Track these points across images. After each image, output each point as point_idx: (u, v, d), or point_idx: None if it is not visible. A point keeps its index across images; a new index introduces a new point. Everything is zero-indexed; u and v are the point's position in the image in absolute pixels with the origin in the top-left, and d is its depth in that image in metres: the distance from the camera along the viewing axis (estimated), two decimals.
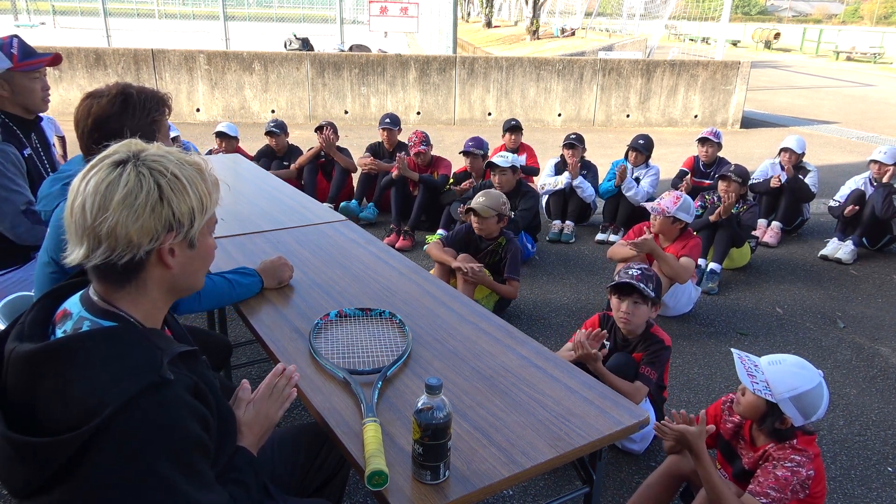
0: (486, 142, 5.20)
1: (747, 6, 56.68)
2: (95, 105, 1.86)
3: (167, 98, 1.99)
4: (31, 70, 2.61)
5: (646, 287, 2.63)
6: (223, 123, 5.53)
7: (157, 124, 1.93)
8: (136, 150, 1.15)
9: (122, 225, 1.09)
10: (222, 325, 3.14)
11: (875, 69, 23.88)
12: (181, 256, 1.19)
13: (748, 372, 2.00)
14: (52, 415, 1.03)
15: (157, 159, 1.14)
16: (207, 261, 1.28)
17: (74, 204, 1.11)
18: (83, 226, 1.10)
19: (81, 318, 1.14)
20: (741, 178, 4.62)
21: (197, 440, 1.09)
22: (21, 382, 1.05)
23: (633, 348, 2.72)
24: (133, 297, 1.17)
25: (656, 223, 3.86)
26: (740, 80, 10.45)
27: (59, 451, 0.98)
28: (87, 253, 1.11)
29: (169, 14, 21.33)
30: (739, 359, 2.04)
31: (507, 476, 1.41)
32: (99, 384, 1.02)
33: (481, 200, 3.73)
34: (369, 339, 1.94)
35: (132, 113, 1.86)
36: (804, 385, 1.94)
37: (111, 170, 1.11)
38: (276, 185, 3.63)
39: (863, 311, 4.25)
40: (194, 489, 1.06)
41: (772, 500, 1.92)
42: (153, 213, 1.11)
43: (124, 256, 1.11)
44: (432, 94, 10.10)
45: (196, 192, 1.16)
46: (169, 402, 1.06)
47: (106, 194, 1.09)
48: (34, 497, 1.02)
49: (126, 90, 1.89)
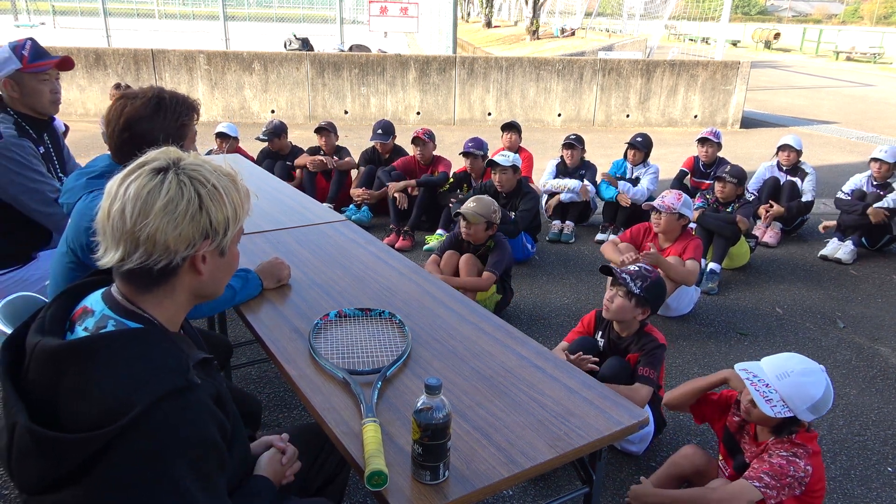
0: (485, 142, 5.20)
1: (747, 6, 56.68)
2: (129, 106, 1.89)
3: (197, 104, 2.04)
4: (40, 72, 2.64)
5: (631, 283, 2.63)
6: (223, 124, 5.54)
7: (186, 129, 1.97)
8: (175, 159, 1.17)
9: (161, 231, 1.10)
10: (222, 325, 3.14)
11: (875, 69, 23.88)
12: (211, 264, 1.21)
13: (764, 397, 1.97)
14: (74, 412, 1.02)
15: (195, 168, 1.16)
16: (233, 269, 1.31)
17: (113, 208, 1.12)
18: (122, 230, 1.11)
19: (105, 316, 1.14)
20: (736, 178, 4.64)
21: (215, 448, 1.10)
22: (44, 378, 1.06)
23: (627, 347, 2.71)
24: (159, 299, 1.18)
25: (661, 221, 3.84)
26: (740, 80, 10.45)
27: (81, 449, 0.99)
28: (122, 256, 1.12)
29: (169, 14, 21.33)
30: (750, 384, 2.01)
31: (506, 476, 1.41)
32: (125, 384, 1.03)
33: (472, 206, 3.68)
34: (369, 339, 1.94)
35: (163, 116, 1.90)
36: (818, 392, 1.95)
37: (152, 176, 1.13)
38: (276, 185, 3.63)
39: (863, 311, 4.25)
40: (206, 497, 1.06)
41: (765, 484, 1.92)
42: (192, 221, 1.13)
43: (160, 262, 1.13)
44: (432, 94, 10.10)
45: (232, 202, 1.19)
46: (193, 407, 1.07)
47: (147, 200, 1.11)
48: (43, 494, 1.02)
49: (160, 94, 1.93)
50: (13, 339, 1.13)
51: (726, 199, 4.71)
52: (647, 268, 2.73)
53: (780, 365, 2.03)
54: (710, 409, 2.35)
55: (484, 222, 3.69)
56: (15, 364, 1.10)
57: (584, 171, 5.46)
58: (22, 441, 1.02)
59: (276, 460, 1.51)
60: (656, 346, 2.66)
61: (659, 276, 2.74)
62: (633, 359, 2.67)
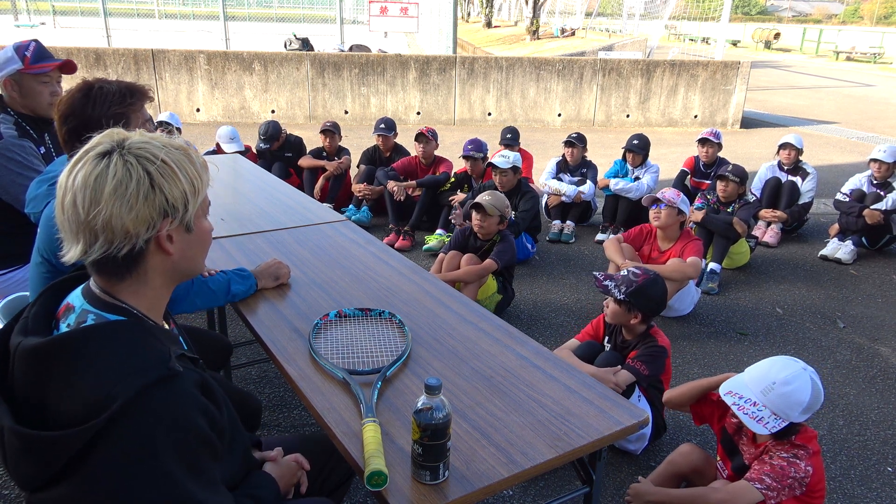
0: (485, 143, 5.20)
1: (747, 6, 56.68)
2: (62, 101, 1.88)
3: (140, 90, 1.95)
4: (40, 73, 2.64)
5: (615, 289, 2.69)
6: (226, 130, 5.57)
7: (123, 116, 1.90)
8: (120, 139, 1.12)
9: (116, 216, 1.07)
10: (222, 325, 3.14)
11: (875, 69, 23.87)
12: (179, 242, 1.17)
13: (755, 418, 1.96)
14: (59, 409, 1.02)
15: (142, 146, 1.12)
16: (206, 244, 1.26)
17: (65, 200, 1.09)
18: (77, 221, 1.08)
19: (84, 311, 1.13)
20: (739, 177, 4.64)
21: (203, 437, 1.08)
22: (28, 377, 1.05)
23: (631, 350, 2.73)
24: (135, 287, 1.16)
25: (661, 215, 3.84)
26: (740, 80, 10.45)
27: (66, 446, 0.98)
28: (84, 248, 1.09)
29: (169, 14, 21.34)
30: (738, 409, 1.99)
31: (506, 476, 1.41)
32: (106, 378, 1.02)
33: (487, 199, 3.75)
34: (369, 339, 1.94)
35: (92, 107, 1.86)
36: (805, 396, 1.95)
37: (97, 161, 1.09)
38: (276, 184, 3.63)
39: (863, 311, 4.25)
40: (198, 487, 1.05)
41: (766, 486, 1.93)
42: (146, 201, 1.09)
43: (123, 248, 1.10)
44: (432, 94, 10.10)
45: (186, 175, 1.14)
46: (176, 396, 1.06)
47: (96, 187, 1.07)
48: (43, 490, 1.03)
49: (89, 84, 1.89)
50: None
51: (728, 199, 4.72)
52: (636, 271, 2.74)
53: (762, 377, 2.00)
54: (709, 408, 2.35)
55: (498, 215, 3.76)
56: (0, 366, 1.10)
57: (585, 170, 5.47)
58: (10, 443, 1.02)
59: (283, 466, 1.52)
60: (655, 346, 2.67)
61: (648, 280, 2.70)
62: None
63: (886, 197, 5.03)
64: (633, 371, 2.57)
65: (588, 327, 2.96)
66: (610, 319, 2.78)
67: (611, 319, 2.78)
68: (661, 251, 3.96)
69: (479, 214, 3.76)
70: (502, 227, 3.83)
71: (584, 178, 5.42)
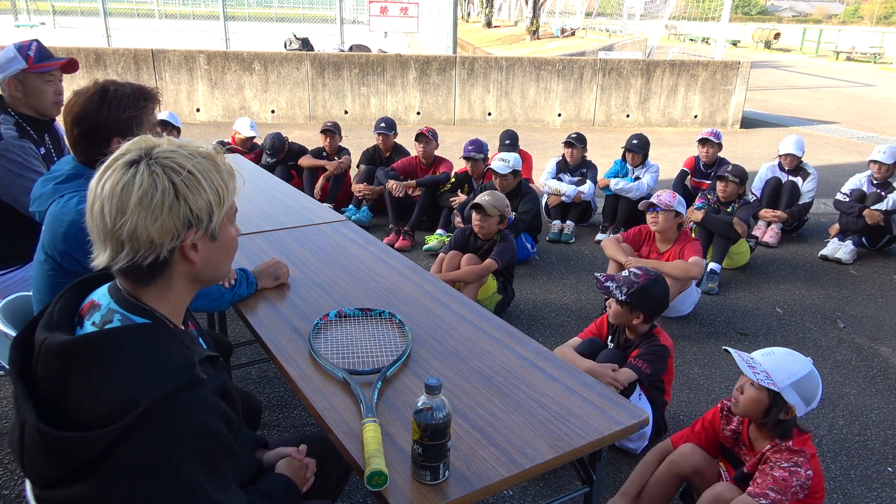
0: (485, 144, 5.20)
1: (747, 6, 56.69)
2: (75, 103, 1.87)
3: (151, 93, 1.96)
4: (44, 72, 2.65)
5: (616, 290, 2.69)
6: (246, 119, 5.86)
7: (137, 119, 1.91)
8: (148, 148, 1.13)
9: (142, 227, 1.09)
10: (222, 325, 3.14)
11: (875, 69, 23.87)
12: (204, 250, 1.18)
13: (748, 364, 2.05)
14: (80, 408, 1.03)
15: (169, 156, 1.12)
16: (231, 250, 1.27)
17: (94, 207, 1.11)
18: (104, 230, 1.10)
19: (111, 310, 1.14)
20: (738, 178, 4.64)
21: (223, 442, 1.09)
22: (52, 374, 1.06)
23: (634, 349, 2.73)
24: (159, 291, 1.17)
25: (659, 220, 3.84)
26: (740, 80, 10.45)
27: (88, 447, 0.99)
28: (112, 256, 1.11)
29: (169, 14, 21.34)
30: (737, 354, 2.10)
31: (506, 476, 1.41)
32: (131, 381, 1.03)
33: (487, 199, 3.75)
34: (369, 339, 1.94)
35: (108, 109, 1.86)
36: (801, 370, 2.01)
37: (125, 171, 1.10)
38: (276, 184, 3.63)
39: (863, 311, 4.25)
40: (217, 491, 1.06)
41: (771, 500, 1.92)
42: (171, 212, 1.10)
43: (148, 257, 1.11)
44: (432, 94, 10.10)
45: (212, 185, 1.15)
46: (199, 403, 1.07)
47: (122, 197, 1.09)
48: (57, 487, 1.03)
49: (104, 87, 1.89)
50: (22, 337, 1.13)
51: (728, 199, 4.72)
52: (637, 272, 2.73)
53: (767, 350, 2.12)
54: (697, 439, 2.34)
55: (498, 215, 3.77)
56: (25, 361, 1.10)
57: (585, 170, 5.46)
58: (31, 439, 1.02)
59: (295, 465, 1.54)
60: (658, 345, 2.68)
61: (649, 281, 2.69)
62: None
63: (887, 197, 5.03)
64: (634, 369, 2.57)
65: (591, 326, 2.96)
66: (613, 320, 2.79)
67: (613, 320, 2.78)
68: (659, 252, 3.96)
69: (478, 215, 3.77)
70: (502, 226, 3.84)
71: (584, 178, 5.42)
